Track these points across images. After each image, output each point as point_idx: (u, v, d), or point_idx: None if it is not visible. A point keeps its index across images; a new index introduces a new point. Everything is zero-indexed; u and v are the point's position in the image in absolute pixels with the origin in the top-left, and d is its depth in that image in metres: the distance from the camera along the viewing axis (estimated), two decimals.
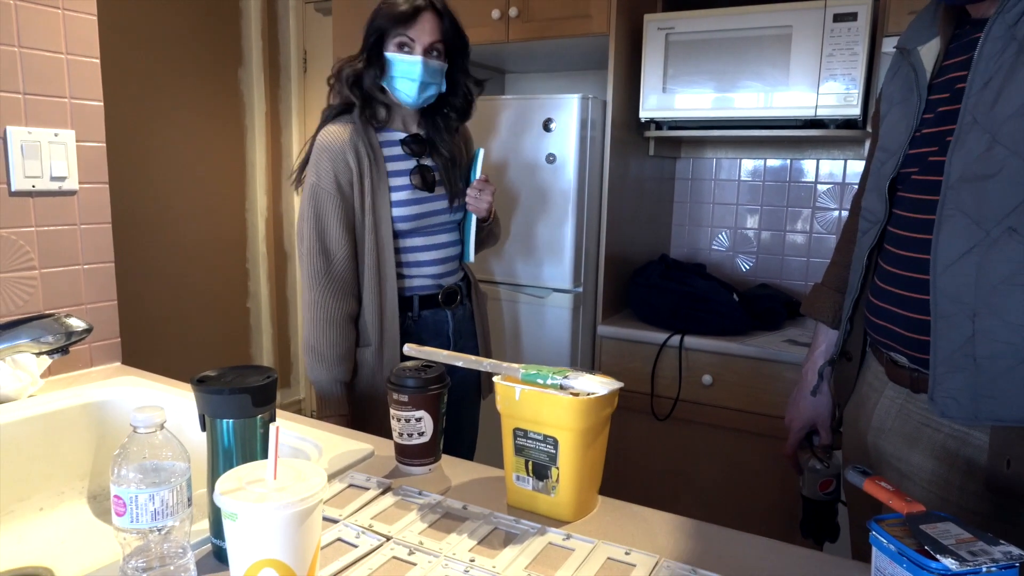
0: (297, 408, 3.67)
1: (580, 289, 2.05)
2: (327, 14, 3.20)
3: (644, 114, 2.06)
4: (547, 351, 2.08)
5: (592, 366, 2.13)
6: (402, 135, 1.49)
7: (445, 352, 1.00)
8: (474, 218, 1.55)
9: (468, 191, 1.50)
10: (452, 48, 1.45)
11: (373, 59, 1.43)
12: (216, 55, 3.17)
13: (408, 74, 1.40)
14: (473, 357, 0.98)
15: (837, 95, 1.83)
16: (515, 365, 0.96)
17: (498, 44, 2.15)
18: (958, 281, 0.94)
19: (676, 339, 1.96)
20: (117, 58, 2.73)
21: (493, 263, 2.12)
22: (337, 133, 1.44)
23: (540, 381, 0.88)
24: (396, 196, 1.46)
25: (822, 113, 1.85)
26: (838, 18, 1.79)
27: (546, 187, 2.00)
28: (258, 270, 3.50)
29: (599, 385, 0.87)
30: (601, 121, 2.02)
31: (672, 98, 2.01)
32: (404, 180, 1.48)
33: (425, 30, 1.39)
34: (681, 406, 1.99)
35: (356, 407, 1.50)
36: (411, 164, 1.49)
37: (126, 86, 2.79)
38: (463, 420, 1.61)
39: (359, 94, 1.44)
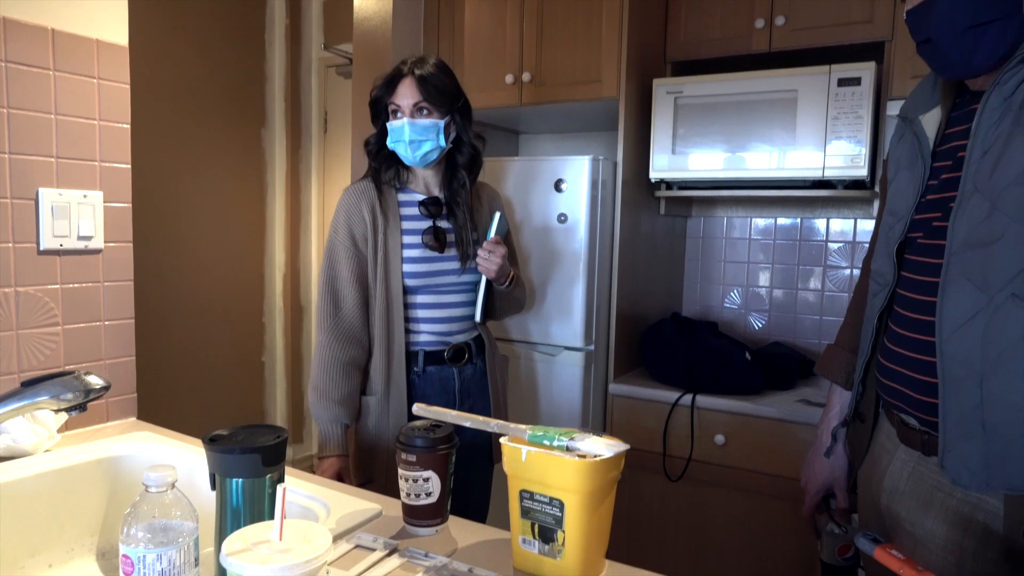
0: (308, 464, 3.65)
1: (592, 347, 2.05)
2: (348, 77, 3.33)
3: (654, 175, 2.10)
4: (559, 409, 2.07)
5: (604, 424, 2.11)
6: (422, 197, 1.57)
7: (454, 412, 1.01)
8: (484, 280, 1.58)
9: (479, 252, 1.54)
10: (448, 107, 1.52)
11: (381, 128, 1.56)
12: (241, 115, 3.29)
13: (399, 136, 1.50)
14: (481, 418, 0.99)
15: (844, 156, 1.86)
16: (522, 426, 0.96)
17: (512, 107, 2.22)
18: (965, 346, 0.94)
19: (688, 398, 1.95)
20: (146, 117, 2.85)
21: (507, 321, 2.14)
22: (356, 191, 1.55)
23: (547, 443, 0.88)
24: (408, 253, 1.53)
25: (829, 174, 1.88)
26: (842, 83, 1.84)
27: (558, 246, 2.03)
28: (274, 324, 3.54)
29: (605, 447, 0.87)
30: (612, 181, 2.07)
31: (681, 159, 2.05)
32: (417, 239, 1.54)
33: (406, 94, 1.49)
34: (694, 466, 1.97)
35: (361, 452, 1.55)
36: (426, 224, 1.55)
37: (152, 143, 2.90)
38: (473, 481, 1.60)
39: (375, 160, 1.57)
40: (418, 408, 1.04)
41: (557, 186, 2.01)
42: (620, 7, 2.00)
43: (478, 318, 1.61)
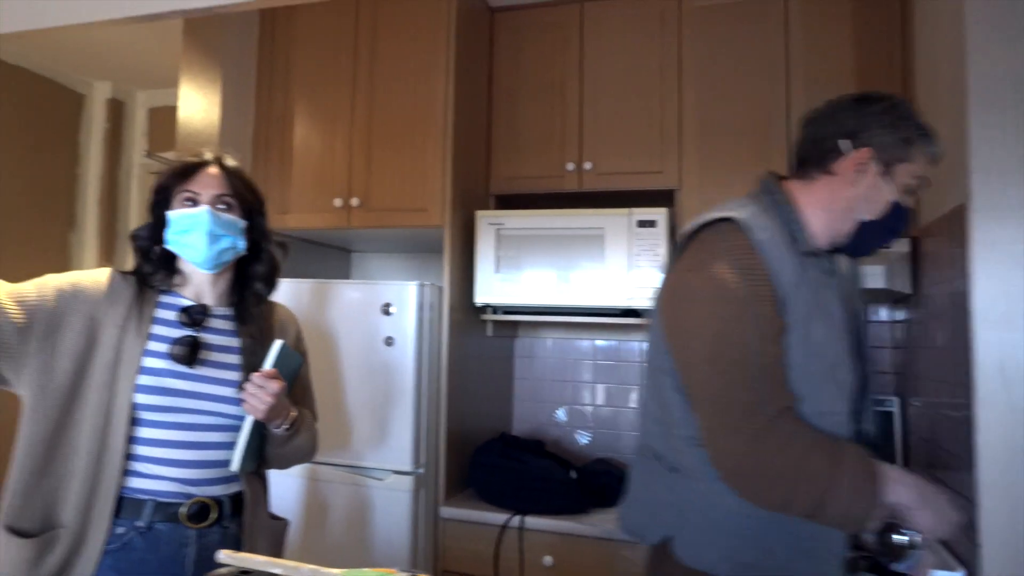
0: None
1: (421, 471, 2.03)
2: None
3: (479, 299, 2.19)
4: (388, 536, 1.99)
5: (435, 550, 2.06)
6: (189, 303, 1.31)
7: (262, 558, 0.96)
8: (250, 420, 1.26)
9: (247, 385, 1.24)
10: (248, 207, 1.35)
11: (158, 223, 1.31)
12: (45, 217, 3.04)
13: (195, 226, 1.26)
14: (292, 563, 0.94)
15: (645, 288, 2.05)
16: (335, 571, 0.92)
17: (341, 229, 2.24)
18: None
19: (517, 520, 1.97)
20: None
21: (332, 444, 2.06)
22: (114, 279, 1.30)
23: None
24: (147, 362, 1.23)
25: (634, 303, 2.07)
26: (641, 224, 2.06)
27: (384, 368, 2.03)
28: None
29: None
30: (438, 305, 2.12)
31: (504, 285, 2.16)
32: (164, 347, 1.26)
33: (210, 184, 1.29)
34: None
35: None
36: (180, 334, 1.27)
37: None
38: None
39: (145, 258, 1.32)
40: (225, 556, 0.97)
41: (385, 309, 2.03)
42: (443, 144, 2.13)
43: (235, 466, 1.26)
